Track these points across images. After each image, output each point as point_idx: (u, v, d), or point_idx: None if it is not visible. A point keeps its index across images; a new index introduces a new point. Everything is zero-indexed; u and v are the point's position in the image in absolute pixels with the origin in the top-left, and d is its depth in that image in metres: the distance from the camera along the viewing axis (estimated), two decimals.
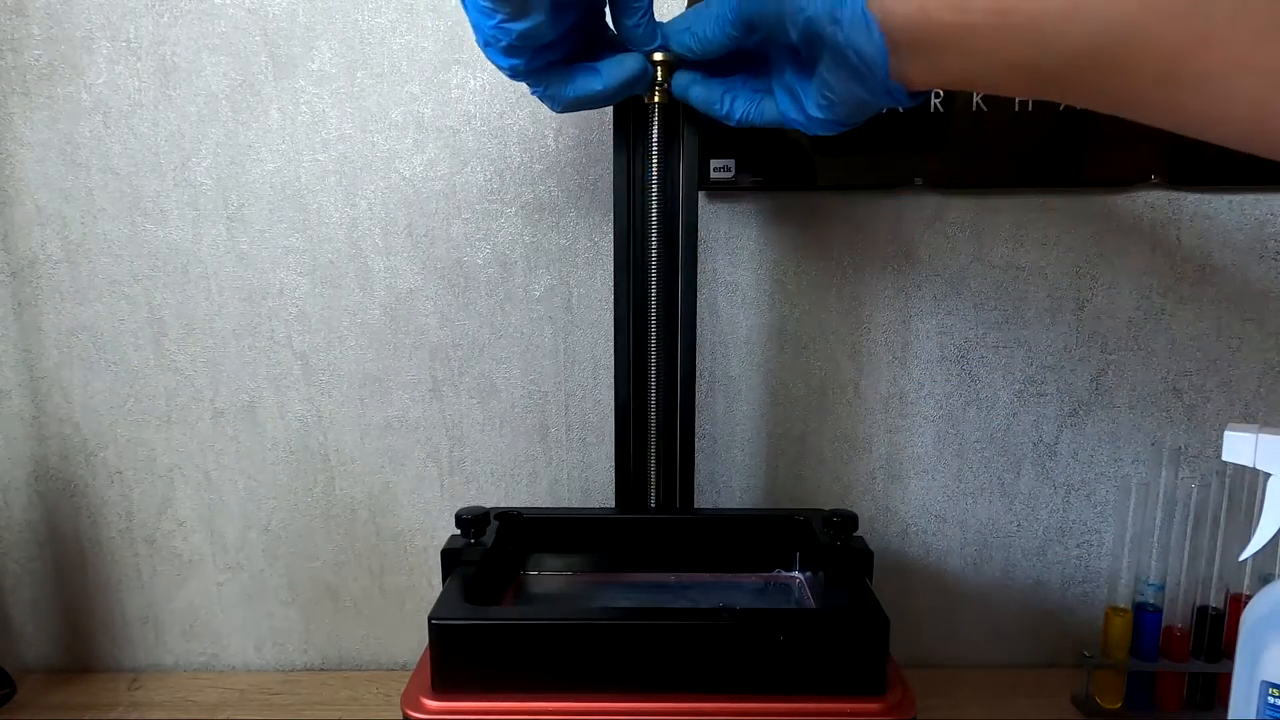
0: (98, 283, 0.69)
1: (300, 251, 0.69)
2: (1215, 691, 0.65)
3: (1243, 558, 0.47)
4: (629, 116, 0.56)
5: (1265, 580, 0.61)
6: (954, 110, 0.64)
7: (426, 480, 0.73)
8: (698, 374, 0.61)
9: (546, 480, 0.73)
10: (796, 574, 0.61)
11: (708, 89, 0.50)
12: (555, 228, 0.69)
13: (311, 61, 0.66)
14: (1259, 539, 0.43)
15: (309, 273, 0.69)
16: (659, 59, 0.50)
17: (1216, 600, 0.63)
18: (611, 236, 0.59)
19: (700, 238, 0.67)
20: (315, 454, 0.72)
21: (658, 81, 0.51)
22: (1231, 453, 0.44)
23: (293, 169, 0.68)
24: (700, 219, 0.64)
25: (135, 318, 0.70)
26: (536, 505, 0.73)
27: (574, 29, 0.48)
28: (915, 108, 0.64)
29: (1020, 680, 0.72)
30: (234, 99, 0.67)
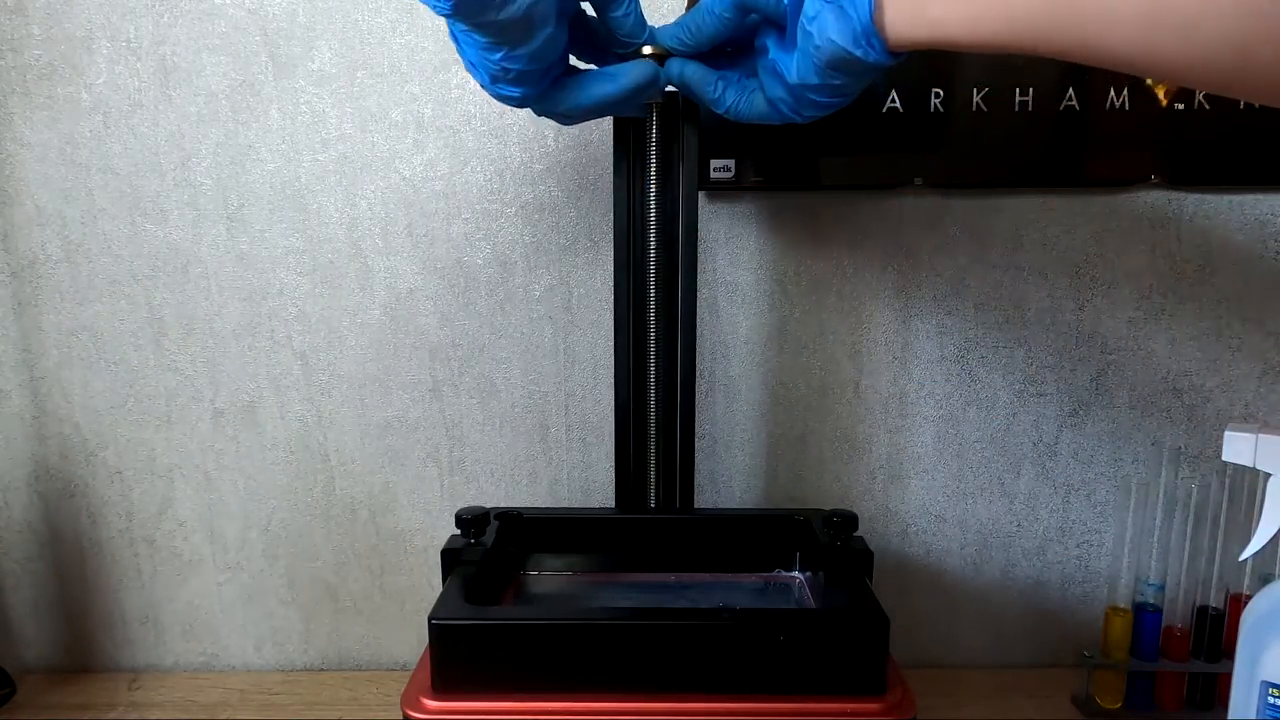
0: (98, 283, 0.69)
1: (300, 251, 0.69)
2: (1215, 691, 0.65)
3: (1243, 558, 0.47)
4: (629, 117, 0.56)
5: (1265, 580, 0.61)
6: (954, 110, 0.64)
7: (426, 480, 0.73)
8: (698, 374, 0.61)
9: (546, 480, 0.73)
10: (796, 574, 0.61)
11: (702, 71, 0.50)
12: (555, 228, 0.69)
13: (311, 61, 0.66)
14: (1259, 539, 0.43)
15: (309, 273, 0.69)
16: (649, 52, 0.50)
17: (1216, 600, 0.63)
18: (611, 236, 0.59)
19: (700, 238, 0.67)
20: (315, 454, 0.72)
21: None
22: (1231, 453, 0.44)
23: (293, 169, 0.68)
24: (700, 219, 0.65)
25: (135, 318, 0.70)
26: (536, 505, 0.73)
27: (568, 40, 0.48)
28: (915, 110, 0.64)
29: (1020, 680, 0.72)
30: (234, 99, 0.67)
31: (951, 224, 0.68)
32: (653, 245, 0.56)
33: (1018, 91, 0.64)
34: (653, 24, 0.50)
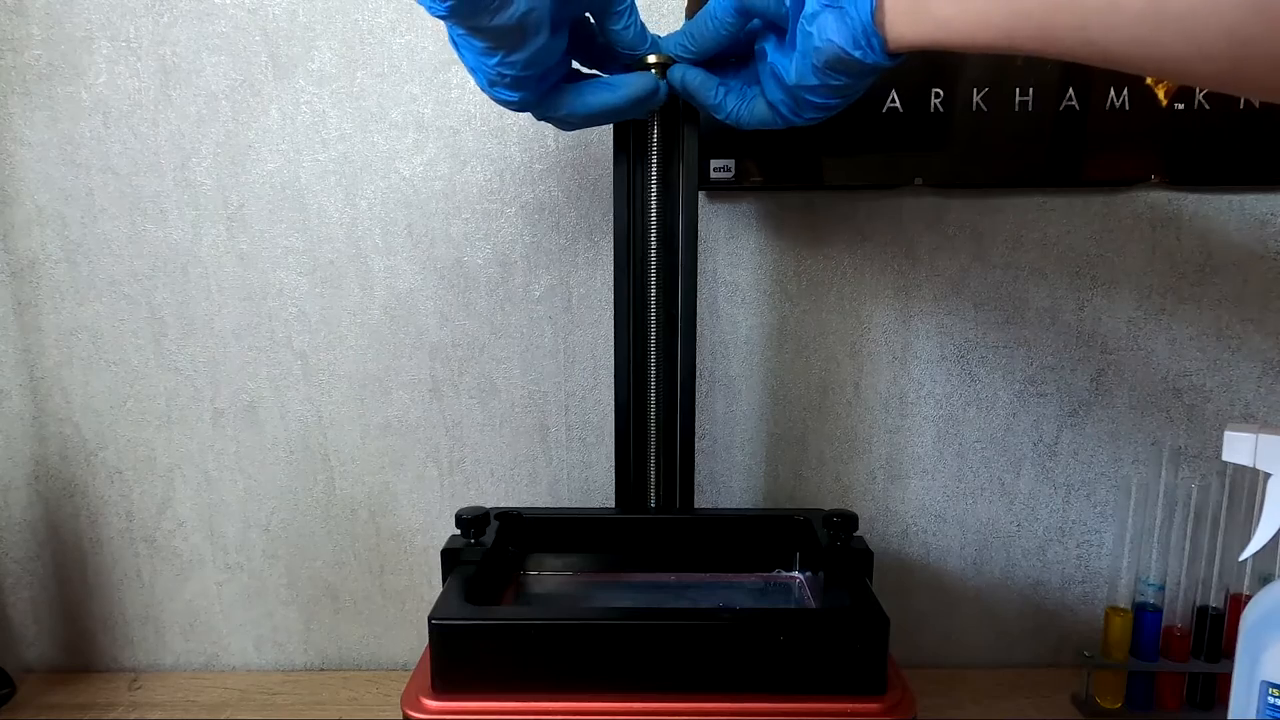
0: (98, 283, 0.69)
1: (300, 251, 0.69)
2: (1215, 691, 0.65)
3: (1243, 558, 0.47)
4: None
5: (1265, 580, 0.61)
6: (954, 110, 0.64)
7: (426, 480, 0.73)
8: (698, 374, 0.61)
9: (546, 480, 0.73)
10: (796, 574, 0.61)
11: (703, 77, 0.50)
12: (555, 228, 0.69)
13: (311, 61, 0.66)
14: (1259, 539, 0.43)
15: (309, 273, 0.69)
16: (653, 60, 0.50)
17: (1216, 600, 0.63)
18: (611, 236, 0.59)
19: (700, 238, 0.67)
20: (315, 454, 0.72)
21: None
22: (1231, 453, 0.44)
23: (293, 169, 0.68)
24: (700, 219, 0.65)
25: (135, 318, 0.70)
26: (536, 505, 0.73)
27: (569, 47, 0.49)
28: (915, 110, 0.64)
29: (1020, 680, 0.72)
30: (234, 99, 0.67)
31: (951, 224, 0.68)
32: (653, 245, 0.56)
33: (1018, 91, 0.64)
34: (654, 29, 0.50)
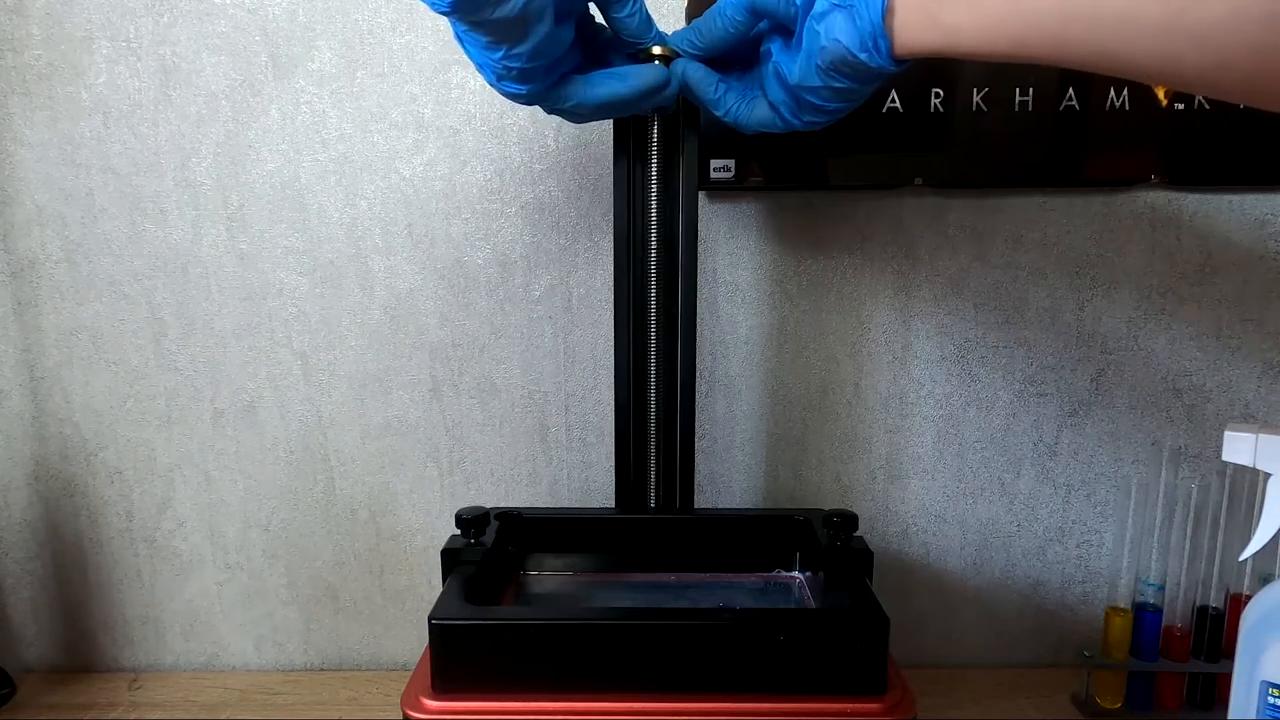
0: (98, 283, 0.69)
1: (300, 251, 0.69)
2: (1215, 691, 0.65)
3: (1243, 558, 0.47)
4: (629, 117, 0.56)
5: (1265, 580, 0.61)
6: (954, 110, 0.64)
7: (426, 480, 0.73)
8: (698, 374, 0.61)
9: (546, 480, 0.73)
10: (796, 574, 0.61)
11: (703, 72, 0.50)
12: (555, 228, 0.69)
13: (311, 61, 0.66)
14: (1259, 539, 0.43)
15: (309, 273, 0.69)
16: (658, 53, 0.50)
17: (1216, 600, 0.63)
18: (611, 236, 0.59)
19: (700, 238, 0.67)
20: (315, 454, 0.72)
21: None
22: (1231, 453, 0.44)
23: (293, 169, 0.68)
24: (700, 219, 0.65)
25: (135, 318, 0.70)
26: (536, 505, 0.73)
27: (576, 39, 0.49)
28: (915, 110, 0.64)
29: (1020, 680, 0.72)
30: (234, 99, 0.67)
31: (951, 224, 0.68)
32: (653, 245, 0.56)
33: (1018, 91, 0.64)
34: (660, 27, 0.50)
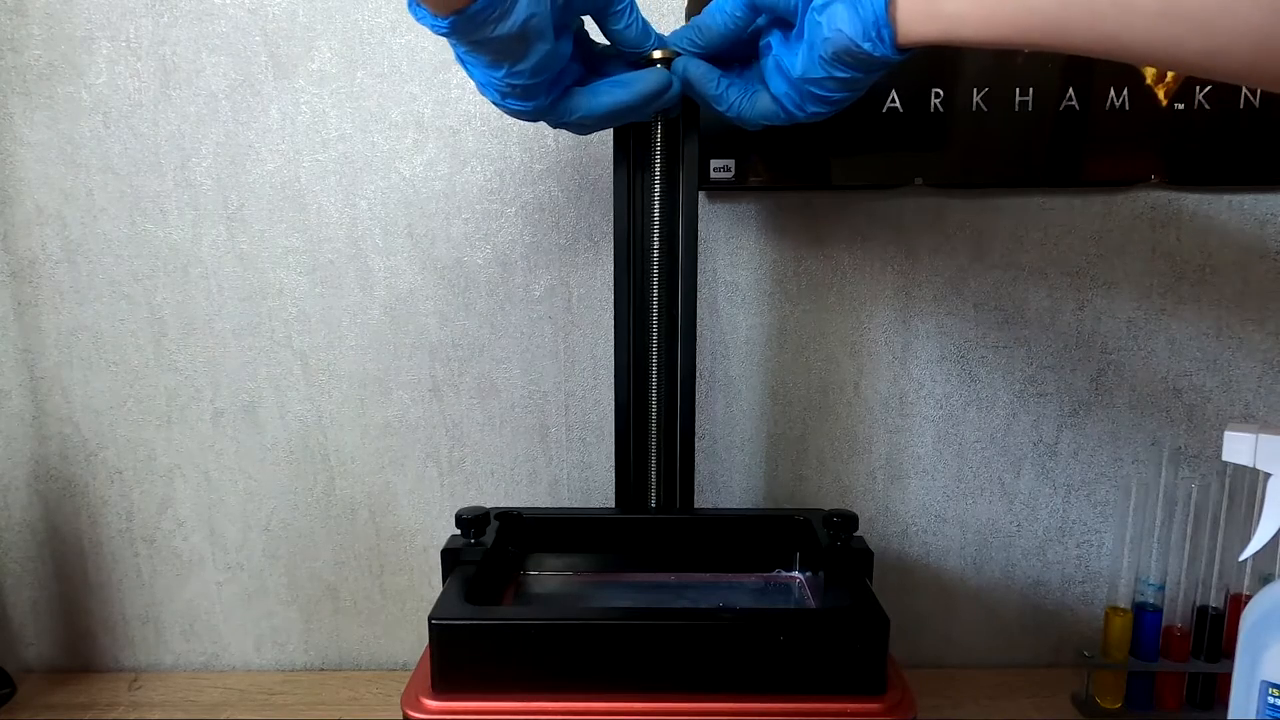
0: (98, 283, 0.69)
1: (300, 251, 0.69)
2: (1215, 691, 0.65)
3: (1243, 558, 0.47)
4: None
5: (1265, 580, 0.61)
6: (954, 110, 0.64)
7: (426, 480, 0.73)
8: (698, 374, 0.61)
9: (546, 480, 0.73)
10: (796, 574, 0.61)
11: (704, 68, 0.50)
12: (555, 228, 0.69)
13: (311, 61, 0.66)
14: (1259, 539, 0.43)
15: (309, 273, 0.69)
16: (658, 56, 0.50)
17: (1216, 600, 0.63)
18: (611, 236, 0.59)
19: (700, 238, 0.67)
20: (315, 454, 0.72)
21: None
22: (1231, 453, 0.44)
23: (293, 169, 0.68)
24: (700, 219, 0.64)
25: (135, 318, 0.70)
26: (536, 505, 0.73)
27: (575, 51, 0.49)
28: (915, 110, 0.64)
29: (1020, 680, 0.72)
30: (234, 99, 0.67)
31: (951, 224, 0.68)
32: (653, 245, 0.56)
33: (1018, 91, 0.64)
34: (656, 26, 0.50)
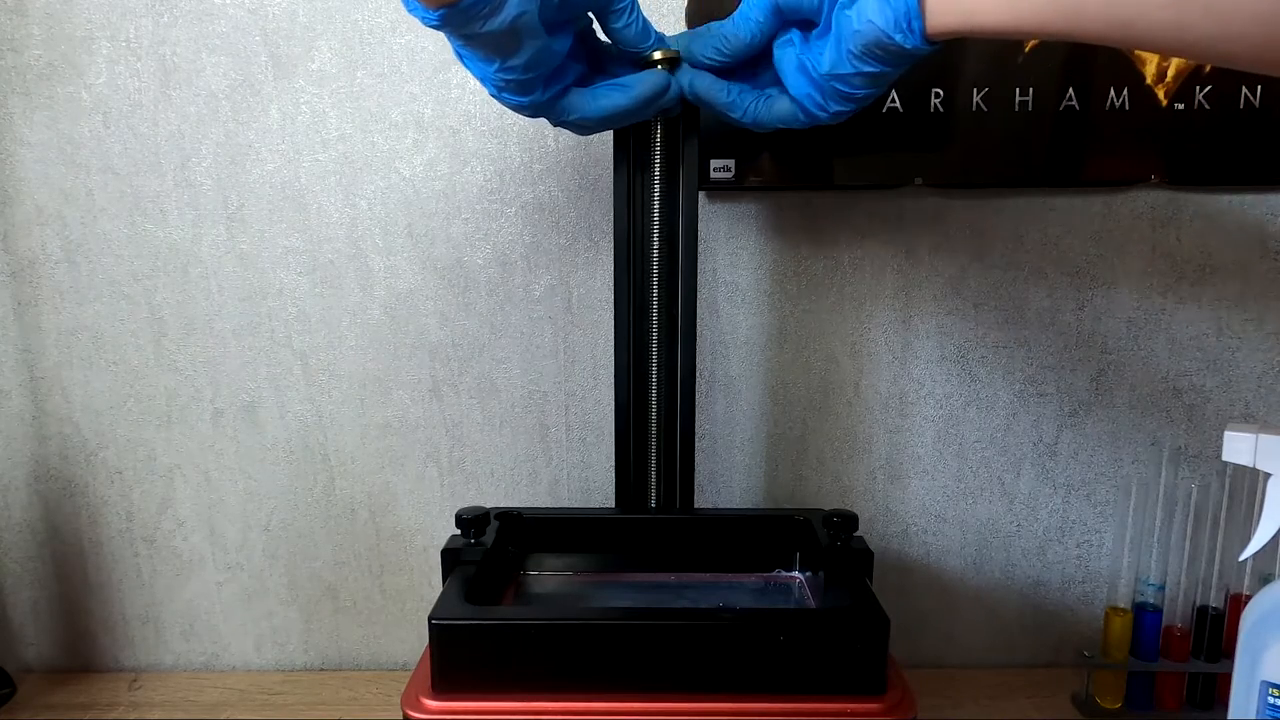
0: (98, 283, 0.69)
1: (300, 251, 0.69)
2: (1215, 691, 0.65)
3: (1243, 558, 0.47)
4: None
5: (1265, 580, 0.61)
6: (954, 110, 0.64)
7: (426, 480, 0.73)
8: (698, 374, 0.61)
9: (546, 480, 0.73)
10: (796, 574, 0.61)
11: (711, 80, 0.50)
12: (555, 228, 0.69)
13: (311, 61, 0.66)
14: (1259, 539, 0.43)
15: (309, 273, 0.69)
16: (658, 56, 0.50)
17: (1216, 600, 0.63)
18: (611, 236, 0.59)
19: (700, 238, 0.67)
20: (315, 454, 0.72)
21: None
22: (1231, 453, 0.44)
23: (293, 169, 0.68)
24: (700, 219, 0.64)
25: (135, 318, 0.70)
26: (536, 505, 0.73)
27: (577, 50, 0.49)
28: (915, 110, 0.64)
29: (1020, 680, 0.72)
30: (234, 99, 0.67)
31: (951, 224, 0.68)
32: (653, 245, 0.56)
33: (1018, 91, 0.64)
34: (655, 26, 0.50)
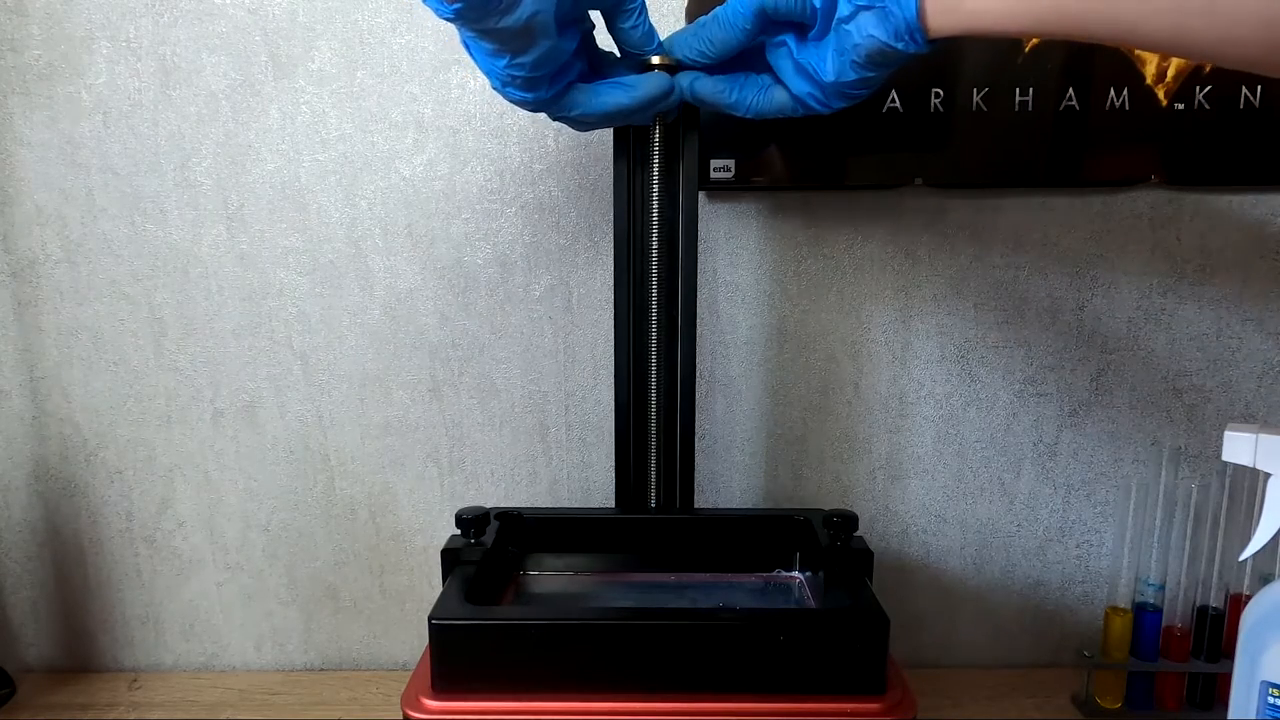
0: (98, 283, 0.69)
1: (300, 251, 0.69)
2: (1215, 691, 0.65)
3: (1243, 558, 0.47)
4: None
5: (1265, 580, 0.61)
6: (954, 110, 0.64)
7: (426, 480, 0.73)
8: (698, 374, 0.61)
9: (546, 480, 0.73)
10: (796, 574, 0.61)
11: (714, 82, 0.50)
12: (555, 228, 0.69)
13: (311, 61, 0.66)
14: (1259, 539, 0.43)
15: (309, 273, 0.69)
16: (657, 62, 0.50)
17: (1216, 600, 0.63)
18: (611, 236, 0.59)
19: (700, 238, 0.67)
20: (315, 454, 0.72)
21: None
22: (1231, 453, 0.44)
23: (293, 169, 0.68)
24: (700, 219, 0.64)
25: (135, 318, 0.70)
26: (536, 505, 0.73)
27: (580, 48, 0.49)
28: (915, 110, 0.64)
29: (1020, 680, 0.72)
30: (234, 99, 0.67)
31: (951, 224, 0.68)
32: (653, 245, 0.56)
33: (1018, 91, 0.64)
34: (656, 24, 0.50)
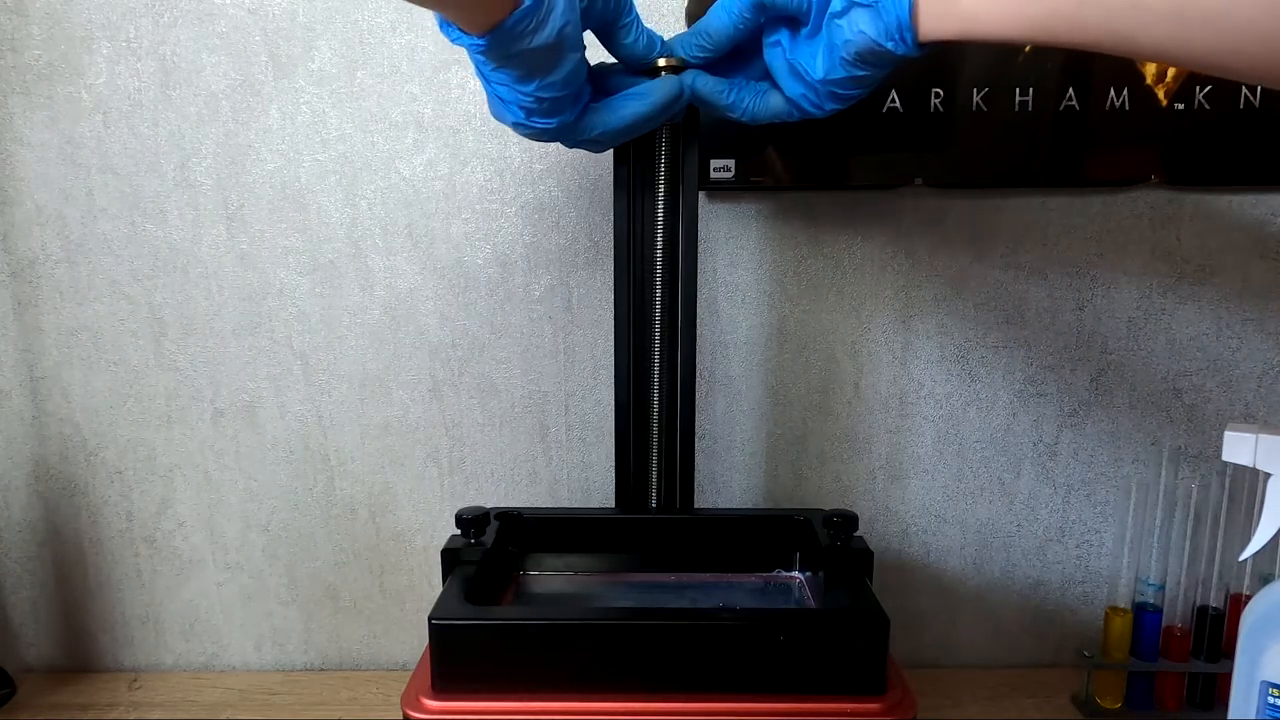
0: (98, 283, 0.69)
1: (300, 251, 0.69)
2: (1215, 691, 0.65)
3: (1243, 558, 0.47)
4: None
5: (1265, 580, 0.61)
6: (954, 110, 0.64)
7: (426, 480, 0.73)
8: (698, 374, 0.61)
9: (546, 480, 0.73)
10: (797, 574, 0.61)
11: (714, 82, 0.50)
12: (555, 228, 0.69)
13: (311, 61, 0.66)
14: (1259, 539, 0.43)
15: (309, 273, 0.69)
16: (663, 63, 0.50)
17: (1216, 600, 0.63)
18: (612, 236, 0.59)
19: (700, 238, 0.67)
20: (315, 454, 0.72)
21: None
22: (1231, 453, 0.44)
23: (293, 169, 0.68)
24: (700, 219, 0.65)
25: (135, 318, 0.70)
26: (536, 505, 0.73)
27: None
28: (915, 110, 0.64)
29: (1020, 680, 0.72)
30: (234, 99, 0.67)
31: (951, 224, 0.68)
32: (654, 245, 0.56)
33: (1018, 91, 0.64)
34: (655, 29, 0.50)
